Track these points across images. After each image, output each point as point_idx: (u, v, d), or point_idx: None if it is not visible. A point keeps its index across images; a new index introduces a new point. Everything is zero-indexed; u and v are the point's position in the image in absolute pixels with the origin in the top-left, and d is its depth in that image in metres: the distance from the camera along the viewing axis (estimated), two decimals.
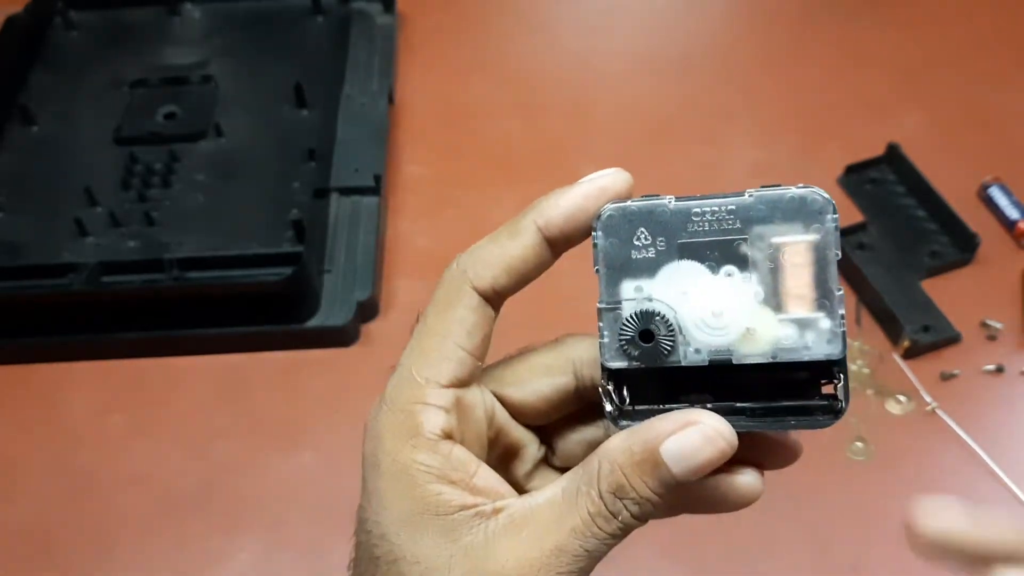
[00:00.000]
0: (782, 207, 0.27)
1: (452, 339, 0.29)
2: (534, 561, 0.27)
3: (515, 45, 0.95)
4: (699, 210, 0.27)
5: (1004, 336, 0.68)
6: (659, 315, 0.27)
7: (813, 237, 0.26)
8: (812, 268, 0.26)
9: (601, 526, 0.27)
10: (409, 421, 0.29)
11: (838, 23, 0.93)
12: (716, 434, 0.26)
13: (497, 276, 0.30)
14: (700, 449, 0.26)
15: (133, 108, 0.85)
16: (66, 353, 0.71)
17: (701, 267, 0.27)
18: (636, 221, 0.28)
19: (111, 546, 0.61)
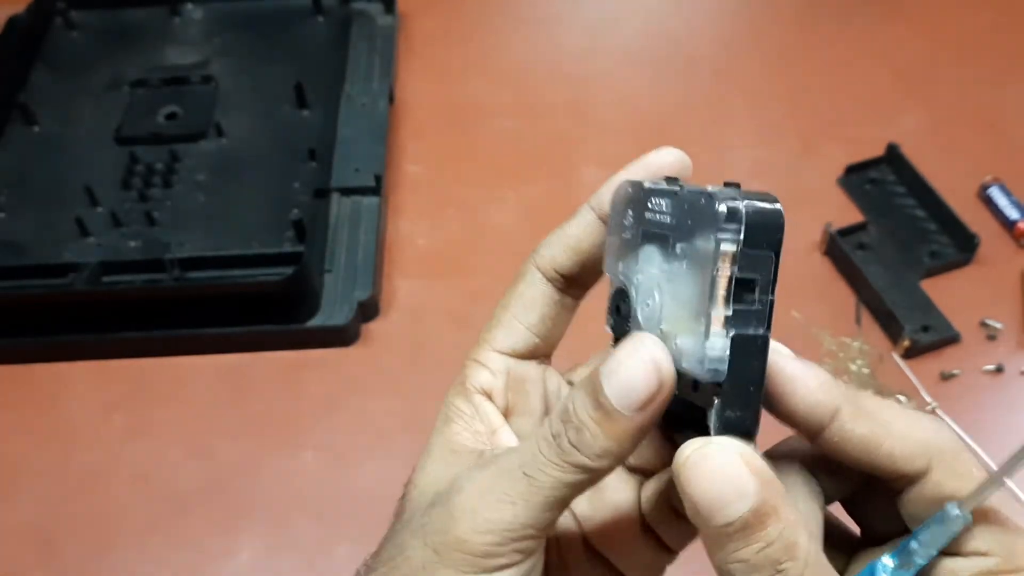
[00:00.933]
0: (693, 208, 0.25)
1: (511, 311, 0.32)
2: (484, 483, 0.27)
3: (515, 45, 0.95)
4: (653, 199, 0.27)
5: (1004, 336, 0.69)
6: (623, 293, 0.29)
7: (707, 248, 0.24)
8: (706, 283, 0.25)
9: (544, 450, 0.26)
10: (462, 373, 0.32)
11: (838, 23, 0.93)
12: (648, 358, 0.25)
13: (555, 255, 0.31)
14: (630, 369, 0.25)
15: (134, 108, 0.85)
16: (67, 353, 0.71)
17: (657, 254, 0.27)
18: (626, 202, 0.29)
19: (112, 545, 0.62)
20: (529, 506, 0.26)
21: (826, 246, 0.74)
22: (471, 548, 0.26)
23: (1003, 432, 0.64)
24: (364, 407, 0.68)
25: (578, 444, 0.26)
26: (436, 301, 0.73)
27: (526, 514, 0.26)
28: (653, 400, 0.25)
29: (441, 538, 0.27)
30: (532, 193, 0.80)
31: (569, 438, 0.26)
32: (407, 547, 0.28)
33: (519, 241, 0.77)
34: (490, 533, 0.26)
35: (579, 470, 0.26)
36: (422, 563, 0.27)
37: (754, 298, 0.25)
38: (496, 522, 0.26)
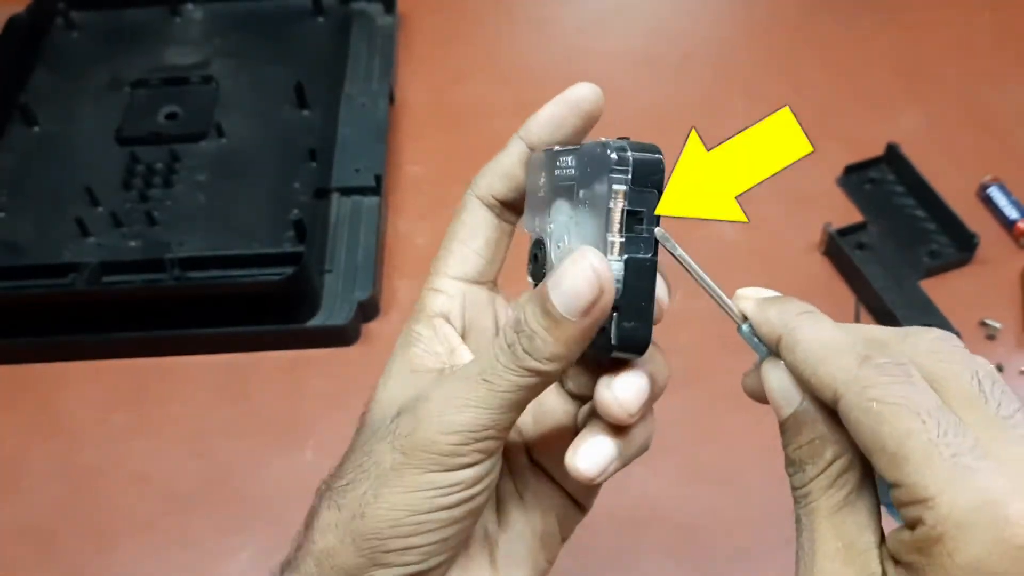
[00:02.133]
0: (591, 158, 0.30)
1: (457, 238, 0.35)
2: (448, 391, 0.30)
3: (515, 45, 0.95)
4: (560, 159, 0.32)
5: (1003, 336, 0.69)
6: (540, 243, 0.33)
7: (603, 189, 0.29)
8: (604, 217, 0.29)
9: (500, 359, 0.29)
10: (420, 303, 0.35)
11: (838, 23, 0.93)
12: (588, 266, 0.28)
13: (492, 183, 0.35)
14: (573, 277, 0.28)
15: (134, 108, 0.86)
16: (68, 353, 0.71)
17: (567, 205, 0.31)
18: (539, 166, 0.33)
19: (112, 545, 0.62)
20: (489, 408, 0.29)
21: (825, 246, 0.74)
22: (438, 448, 0.29)
23: None
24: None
25: (531, 350, 0.29)
26: None
27: (487, 416, 0.29)
28: (595, 304, 0.28)
29: (409, 440, 0.30)
30: None
31: (522, 345, 0.29)
32: (375, 452, 0.31)
33: (519, 241, 0.77)
34: (455, 434, 0.29)
35: (532, 374, 0.29)
36: (391, 464, 0.30)
37: (642, 228, 0.30)
38: (460, 424, 0.29)
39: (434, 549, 0.31)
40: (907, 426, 0.25)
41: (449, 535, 0.31)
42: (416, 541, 0.30)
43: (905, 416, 0.25)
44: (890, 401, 0.25)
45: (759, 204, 0.79)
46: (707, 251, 0.77)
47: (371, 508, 0.30)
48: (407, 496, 0.30)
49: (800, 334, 0.28)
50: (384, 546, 0.30)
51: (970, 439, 0.24)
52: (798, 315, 0.29)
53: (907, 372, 0.26)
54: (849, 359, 0.27)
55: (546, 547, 0.36)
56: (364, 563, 0.31)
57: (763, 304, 0.30)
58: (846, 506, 0.27)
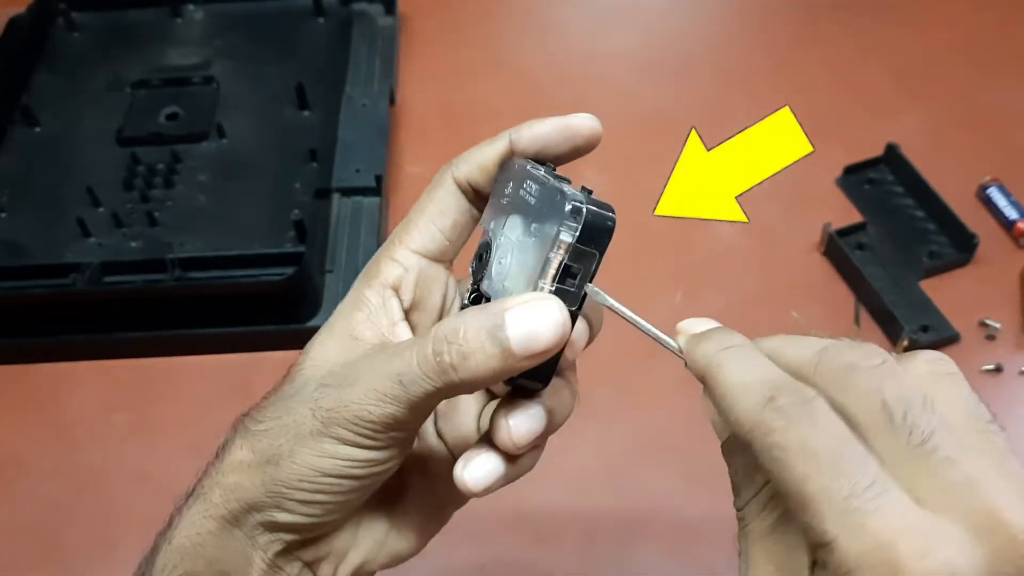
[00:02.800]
0: (551, 200, 0.31)
1: (427, 214, 0.36)
2: (371, 382, 0.31)
3: (515, 46, 0.95)
4: (527, 182, 0.33)
5: (1003, 336, 0.69)
6: (489, 246, 0.34)
7: (551, 234, 0.30)
8: (542, 259, 0.30)
9: (420, 366, 0.30)
10: (374, 267, 0.36)
11: (838, 23, 0.93)
12: (562, 321, 0.29)
13: (471, 171, 0.35)
14: (543, 325, 0.29)
15: (135, 109, 0.86)
16: (68, 353, 0.71)
17: (520, 225, 0.33)
18: (510, 174, 0.34)
19: (113, 545, 0.62)
20: (401, 407, 0.31)
21: (825, 246, 0.74)
22: (355, 430, 0.31)
23: None
24: None
25: (458, 366, 0.30)
26: None
27: (400, 412, 0.31)
28: (547, 353, 0.30)
29: (329, 415, 0.32)
30: None
31: (451, 358, 0.30)
32: (296, 412, 0.33)
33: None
34: (370, 423, 0.31)
35: (448, 387, 0.30)
36: (310, 430, 0.32)
37: (574, 283, 0.31)
38: (376, 415, 0.31)
39: (334, 508, 0.33)
40: (803, 471, 0.25)
41: (351, 498, 0.33)
42: (320, 498, 0.32)
43: (801, 461, 0.25)
44: (787, 446, 0.25)
45: (759, 204, 0.79)
46: (707, 251, 0.78)
47: (285, 461, 0.32)
48: (319, 460, 0.32)
49: (717, 373, 0.28)
50: (290, 495, 0.32)
51: (868, 477, 0.24)
52: (719, 351, 0.29)
53: (810, 411, 0.26)
54: (754, 401, 0.26)
55: (438, 513, 0.38)
56: (268, 502, 0.33)
57: (693, 340, 0.30)
58: (777, 529, 0.28)
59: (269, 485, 0.32)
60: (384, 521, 0.37)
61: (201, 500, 0.35)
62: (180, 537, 0.35)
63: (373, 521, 0.37)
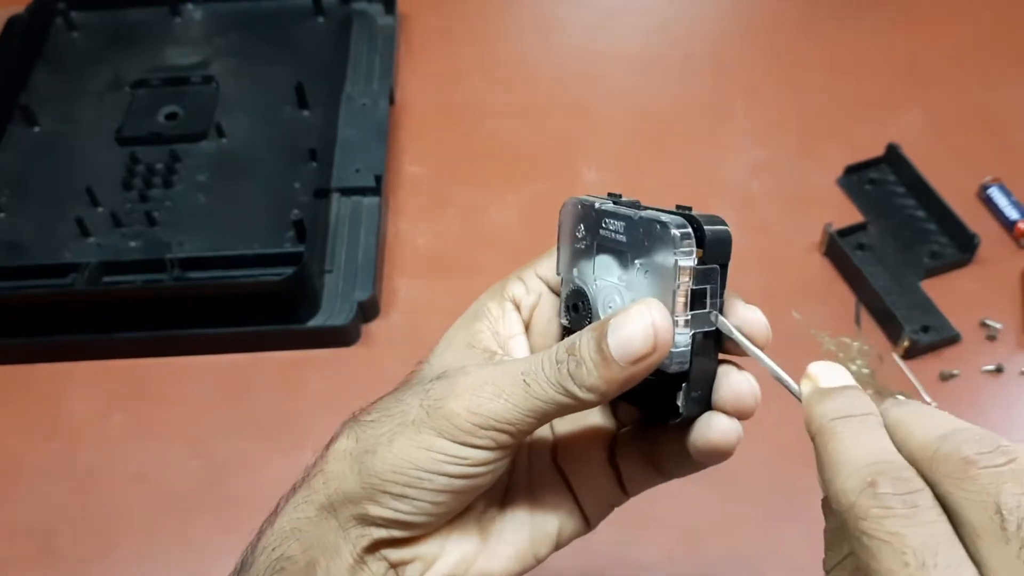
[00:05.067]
0: (649, 232, 0.31)
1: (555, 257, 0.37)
2: (488, 375, 0.32)
3: (515, 46, 0.95)
4: (608, 218, 0.33)
5: (1003, 336, 0.69)
6: (581, 292, 0.34)
7: (667, 265, 0.30)
8: (668, 292, 0.30)
9: (546, 368, 0.31)
10: (502, 284, 0.37)
11: (838, 23, 0.93)
12: (649, 322, 0.30)
13: None
14: (632, 327, 0.30)
15: (134, 108, 0.86)
16: (68, 353, 0.71)
17: (614, 263, 0.33)
18: (578, 217, 0.34)
19: (112, 545, 0.62)
20: (517, 407, 0.31)
21: (826, 246, 0.74)
22: (458, 422, 0.31)
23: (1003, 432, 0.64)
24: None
25: (574, 375, 0.30)
26: (436, 301, 0.73)
27: (512, 413, 0.31)
28: (646, 358, 0.30)
29: (436, 404, 0.32)
30: (532, 193, 0.80)
31: (569, 367, 0.31)
32: (404, 402, 0.33)
33: (519, 241, 0.77)
34: (477, 416, 0.31)
35: (568, 395, 0.31)
36: (413, 419, 0.32)
37: (706, 302, 0.31)
38: (486, 409, 0.31)
39: (425, 507, 0.33)
40: (889, 566, 0.24)
41: (442, 500, 0.33)
42: (411, 492, 0.32)
43: (889, 555, 0.24)
44: (879, 537, 0.24)
45: (760, 204, 0.79)
46: None
47: (383, 448, 0.32)
48: (416, 451, 0.32)
49: (828, 443, 0.27)
50: (383, 486, 0.32)
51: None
52: (837, 420, 0.28)
53: (911, 503, 0.24)
54: (854, 483, 0.25)
55: (537, 546, 0.37)
56: (362, 494, 0.33)
57: (815, 396, 0.29)
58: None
59: (364, 475, 0.33)
60: (476, 538, 0.36)
61: (305, 486, 0.35)
62: (282, 521, 0.36)
63: (464, 535, 0.36)
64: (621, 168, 0.82)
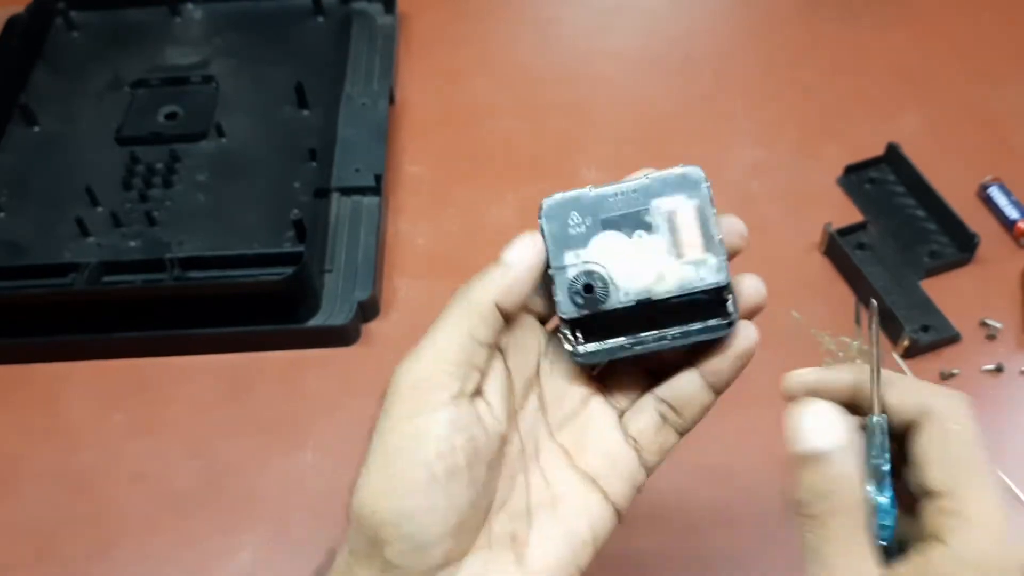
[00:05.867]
0: (670, 182, 0.37)
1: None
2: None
3: (516, 46, 0.95)
4: (613, 193, 0.37)
5: (1003, 336, 0.69)
6: (595, 273, 0.36)
7: (695, 201, 0.36)
8: (697, 223, 0.36)
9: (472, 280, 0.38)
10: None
11: (838, 23, 0.93)
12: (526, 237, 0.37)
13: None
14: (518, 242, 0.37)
15: (134, 108, 0.85)
16: (67, 352, 0.71)
17: (619, 234, 0.36)
18: (568, 207, 0.37)
19: (112, 545, 0.62)
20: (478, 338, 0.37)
21: (825, 246, 0.74)
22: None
23: (1003, 432, 0.64)
24: (364, 407, 0.67)
25: (500, 264, 0.37)
26: (436, 301, 0.72)
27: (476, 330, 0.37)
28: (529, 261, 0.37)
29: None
30: (532, 193, 0.79)
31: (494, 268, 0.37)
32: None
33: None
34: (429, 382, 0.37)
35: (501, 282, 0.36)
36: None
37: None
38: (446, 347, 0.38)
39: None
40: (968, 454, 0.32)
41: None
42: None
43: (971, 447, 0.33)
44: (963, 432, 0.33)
45: (759, 204, 0.79)
46: None
47: None
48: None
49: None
50: None
51: None
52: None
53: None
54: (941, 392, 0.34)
55: (577, 555, 0.37)
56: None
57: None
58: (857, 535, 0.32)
59: None
60: (513, 566, 0.36)
61: None
62: None
63: (500, 566, 0.36)
64: (621, 168, 0.81)
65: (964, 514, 0.30)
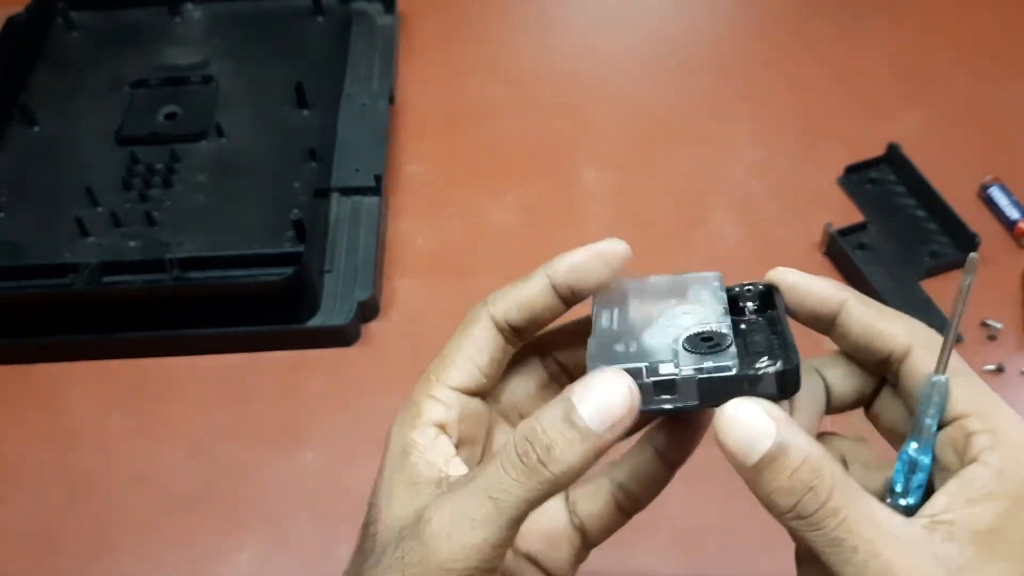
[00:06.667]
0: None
1: (463, 352, 0.35)
2: (453, 510, 0.30)
3: (516, 45, 0.95)
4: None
5: (1004, 336, 0.69)
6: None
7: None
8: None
9: (509, 471, 0.29)
10: (415, 408, 0.35)
11: (838, 23, 0.93)
12: (627, 386, 0.30)
13: (509, 309, 0.35)
14: (609, 395, 0.30)
15: (134, 108, 0.85)
16: (67, 353, 0.71)
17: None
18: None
19: (112, 546, 0.62)
20: (496, 526, 0.29)
21: (826, 246, 0.74)
22: (452, 566, 0.29)
23: None
24: (364, 407, 0.68)
25: (547, 460, 0.29)
26: (436, 301, 0.73)
27: (495, 534, 0.29)
28: (624, 421, 0.30)
29: (421, 569, 0.29)
30: (532, 193, 0.80)
31: (538, 455, 0.29)
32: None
33: (519, 241, 0.77)
34: (466, 558, 0.29)
35: (543, 485, 0.29)
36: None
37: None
38: (471, 546, 0.29)
39: None
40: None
41: None
42: None
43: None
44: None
45: (759, 204, 0.79)
46: (707, 251, 0.77)
47: None
48: None
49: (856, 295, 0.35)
50: None
51: None
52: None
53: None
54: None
55: None
56: None
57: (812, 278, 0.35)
58: (871, 500, 0.30)
59: None
60: None
61: None
62: None
63: None
64: (621, 168, 0.82)
65: (999, 430, 0.30)
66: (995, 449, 0.30)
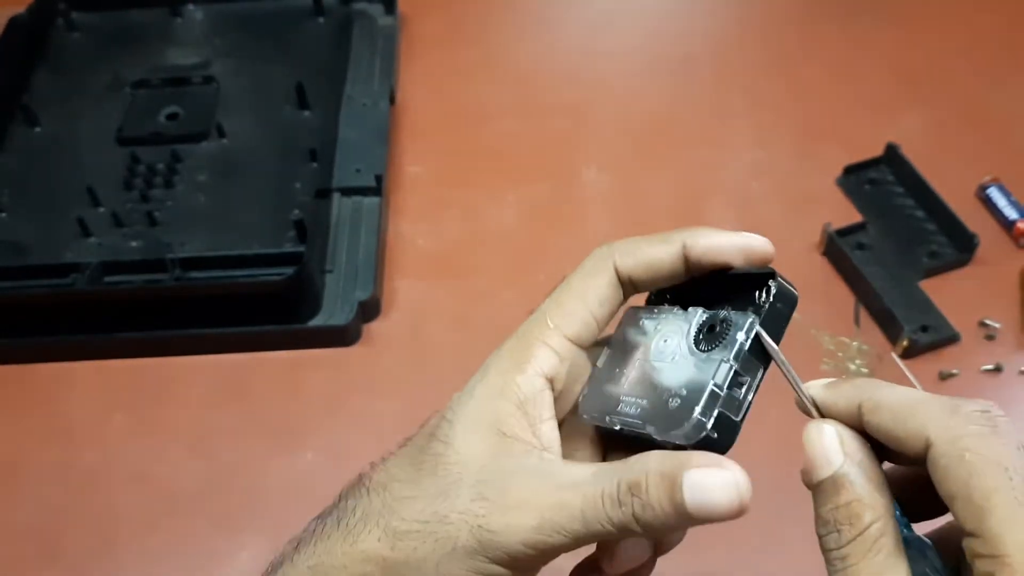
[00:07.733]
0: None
1: (586, 302, 0.34)
2: (543, 500, 0.30)
3: (516, 46, 0.95)
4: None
5: (1003, 336, 0.69)
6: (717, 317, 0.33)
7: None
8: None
9: (607, 508, 0.30)
10: (526, 351, 0.34)
11: (838, 23, 0.93)
12: (735, 482, 0.29)
13: (636, 266, 0.34)
14: (719, 496, 0.29)
15: (135, 109, 0.86)
16: (68, 352, 0.71)
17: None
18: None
19: (112, 545, 0.62)
20: (576, 541, 0.30)
21: (825, 246, 0.74)
22: (518, 559, 0.31)
23: None
24: (365, 407, 0.68)
25: (639, 516, 0.30)
26: (437, 301, 0.74)
27: (570, 545, 0.31)
28: (720, 520, 0.29)
29: (491, 538, 0.31)
30: (532, 194, 0.80)
31: (634, 509, 0.30)
32: (449, 524, 0.31)
33: (520, 242, 0.77)
34: (537, 554, 0.31)
35: (623, 531, 0.30)
36: (464, 545, 0.31)
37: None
38: (546, 546, 0.30)
39: None
40: (995, 482, 0.26)
41: None
42: None
43: (994, 471, 0.26)
44: (981, 452, 0.26)
45: (759, 204, 0.79)
46: None
47: (429, 573, 0.31)
48: (467, 575, 0.31)
49: (882, 395, 0.29)
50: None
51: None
52: (876, 386, 0.30)
53: (993, 421, 0.27)
54: (938, 409, 0.27)
55: None
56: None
57: (833, 384, 0.31)
58: (885, 570, 0.28)
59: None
60: None
61: (323, 548, 0.36)
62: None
63: None
64: (621, 168, 0.82)
65: (1002, 560, 0.26)
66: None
